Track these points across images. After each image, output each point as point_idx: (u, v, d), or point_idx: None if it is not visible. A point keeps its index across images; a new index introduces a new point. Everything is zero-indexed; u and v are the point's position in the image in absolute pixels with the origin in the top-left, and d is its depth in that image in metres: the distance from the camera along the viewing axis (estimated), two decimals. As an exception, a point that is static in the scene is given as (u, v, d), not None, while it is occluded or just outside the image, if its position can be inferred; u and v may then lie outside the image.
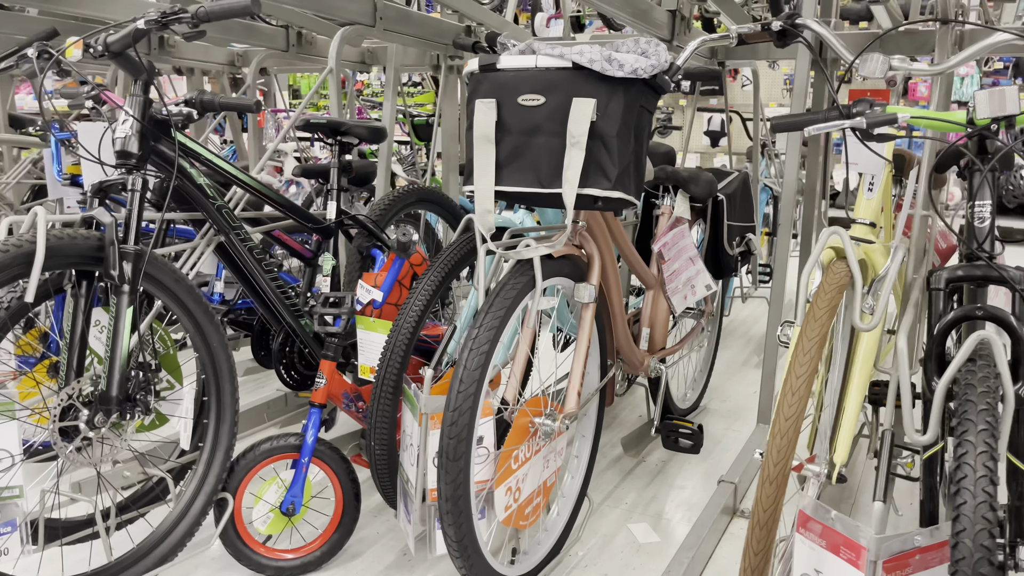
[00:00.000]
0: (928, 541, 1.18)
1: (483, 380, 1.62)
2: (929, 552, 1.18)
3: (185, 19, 1.66)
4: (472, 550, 1.65)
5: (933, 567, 1.19)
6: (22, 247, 1.57)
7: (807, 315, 1.37)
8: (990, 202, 1.42)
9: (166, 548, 1.85)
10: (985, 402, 1.17)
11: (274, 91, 4.57)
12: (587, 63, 1.60)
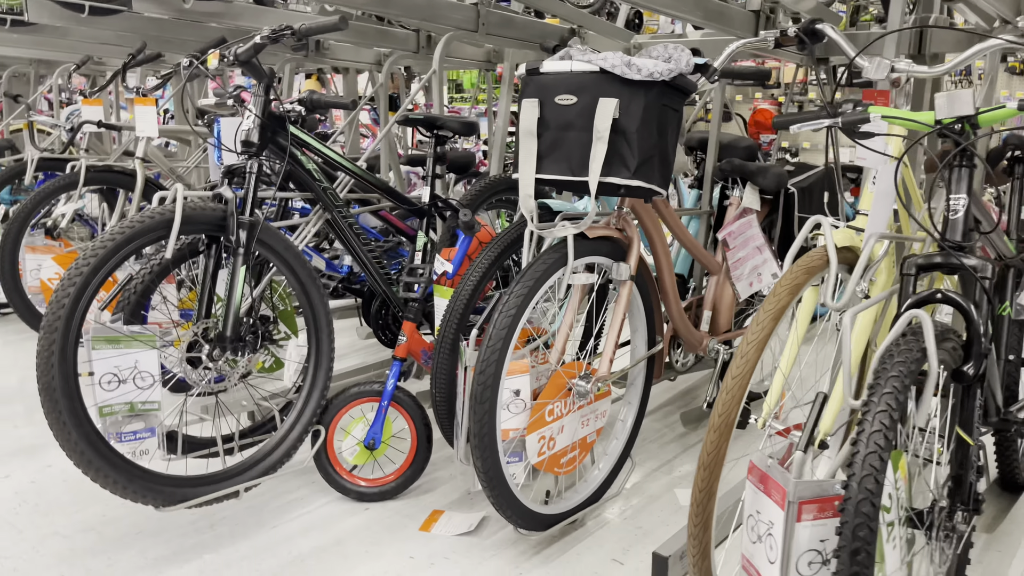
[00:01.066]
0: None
1: (510, 339, 1.90)
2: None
3: (289, 36, 2.05)
4: (498, 482, 1.95)
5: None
6: (164, 215, 2.03)
7: (771, 291, 1.55)
8: (964, 196, 1.53)
9: (268, 464, 2.28)
10: (897, 370, 1.32)
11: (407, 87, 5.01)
12: (610, 68, 1.84)
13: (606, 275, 2.21)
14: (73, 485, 2.48)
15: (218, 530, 2.24)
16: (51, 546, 2.15)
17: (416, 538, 2.22)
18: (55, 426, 1.87)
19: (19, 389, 3.34)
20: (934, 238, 1.50)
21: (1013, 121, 4.32)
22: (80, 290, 1.88)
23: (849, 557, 1.23)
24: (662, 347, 2.39)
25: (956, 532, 1.46)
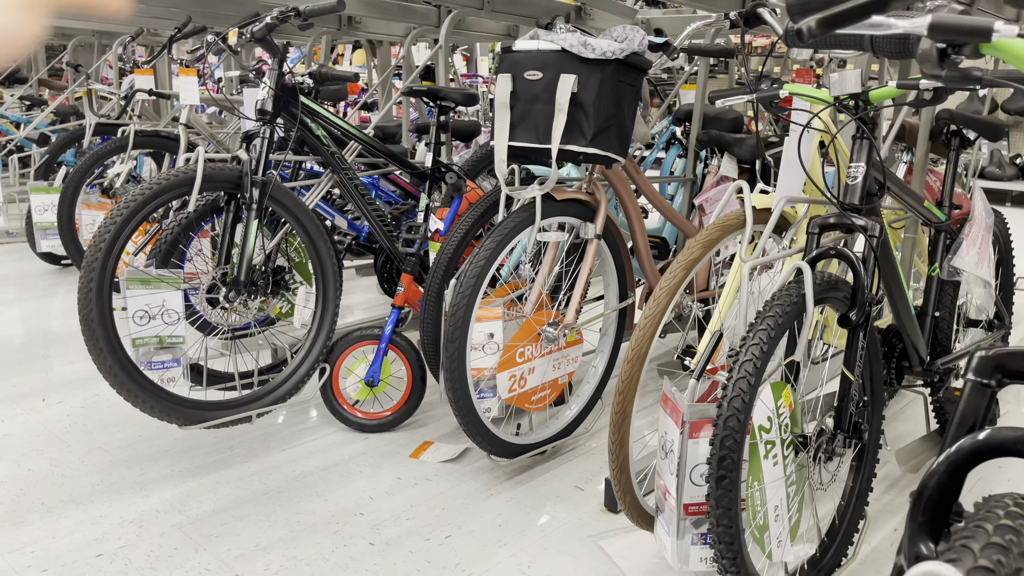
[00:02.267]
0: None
1: (479, 286, 2.17)
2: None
3: (293, 16, 2.33)
4: (468, 412, 2.23)
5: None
6: (187, 173, 2.34)
7: (686, 245, 1.78)
8: (863, 164, 1.74)
9: (278, 395, 2.60)
10: (774, 311, 1.55)
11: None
12: (568, 47, 2.07)
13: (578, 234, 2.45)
14: (116, 411, 2.85)
15: (235, 451, 2.58)
16: (94, 458, 2.52)
17: (406, 463, 2.52)
18: (93, 352, 2.21)
19: (77, 331, 3.75)
20: (830, 200, 1.71)
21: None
22: (114, 236, 2.20)
23: (718, 462, 1.48)
24: (633, 302, 2.63)
25: (836, 455, 1.69)
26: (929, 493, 0.74)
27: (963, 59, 0.71)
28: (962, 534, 0.64)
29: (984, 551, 0.61)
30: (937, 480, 0.74)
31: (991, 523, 0.64)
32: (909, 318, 2.04)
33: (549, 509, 2.25)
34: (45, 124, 5.99)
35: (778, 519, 1.64)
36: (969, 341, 2.48)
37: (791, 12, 0.70)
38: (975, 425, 0.78)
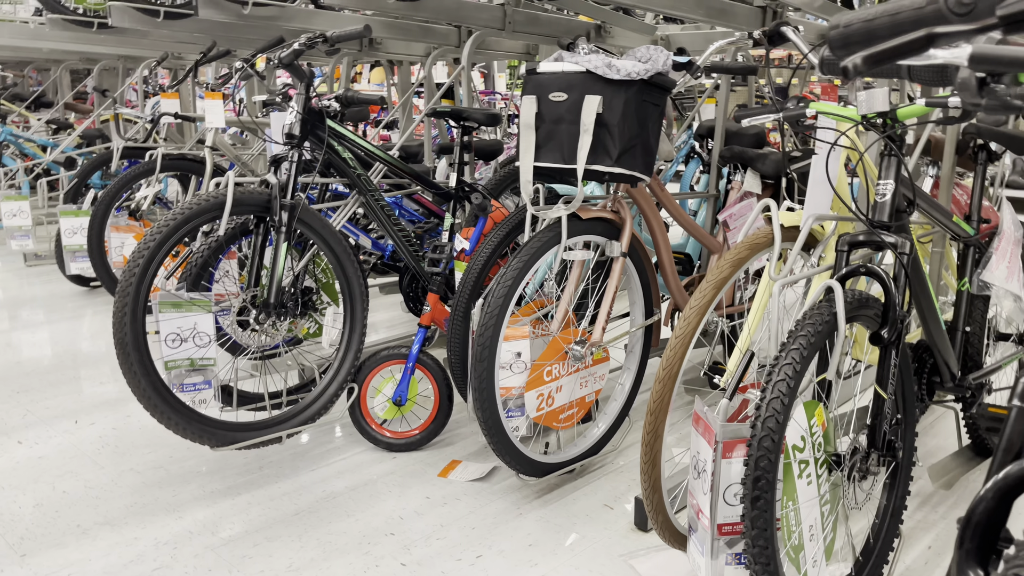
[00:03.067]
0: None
1: (506, 306, 2.18)
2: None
3: (320, 42, 2.37)
4: (497, 431, 2.23)
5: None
6: (218, 198, 2.38)
7: (715, 264, 1.78)
8: (891, 181, 1.74)
9: (307, 415, 2.63)
10: (806, 330, 1.55)
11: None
12: (594, 68, 2.09)
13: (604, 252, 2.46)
14: (147, 432, 2.89)
15: (265, 472, 2.60)
16: (127, 480, 2.55)
17: (435, 482, 2.53)
18: (127, 375, 2.24)
19: (107, 353, 3.80)
20: (859, 218, 1.71)
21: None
22: (148, 261, 2.24)
23: (752, 483, 1.48)
24: (658, 319, 2.63)
25: (871, 473, 1.68)
26: (977, 519, 0.74)
27: (1003, 87, 0.72)
28: (1015, 562, 0.64)
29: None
30: (985, 506, 0.74)
31: (1044, 551, 0.64)
32: (940, 333, 2.03)
33: (579, 528, 2.25)
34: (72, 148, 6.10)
35: (813, 539, 1.63)
36: (999, 355, 2.46)
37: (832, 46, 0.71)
38: (1022, 451, 0.78)
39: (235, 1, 3.08)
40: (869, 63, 0.64)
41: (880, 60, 0.63)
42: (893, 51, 0.62)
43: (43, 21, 4.76)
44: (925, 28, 0.61)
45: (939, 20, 0.65)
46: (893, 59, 0.63)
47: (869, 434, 1.69)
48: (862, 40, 0.70)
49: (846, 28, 0.73)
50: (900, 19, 0.68)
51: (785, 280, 1.70)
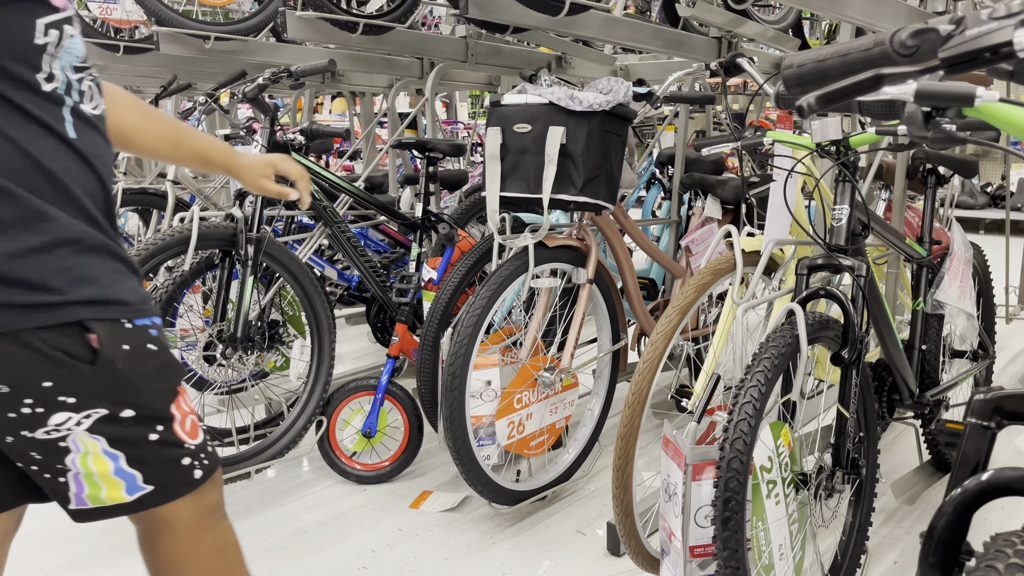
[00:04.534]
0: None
1: (476, 335, 2.20)
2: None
3: (285, 77, 2.38)
4: (469, 460, 2.24)
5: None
6: (183, 232, 2.37)
7: (680, 289, 1.82)
8: (846, 206, 1.79)
9: (276, 449, 2.60)
10: (770, 353, 1.59)
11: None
12: (556, 100, 2.13)
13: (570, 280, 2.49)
14: (110, 471, 2.83)
15: (233, 508, 2.56)
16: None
17: (406, 514, 2.52)
18: (92, 413, 2.20)
19: (65, 391, 3.72)
20: (816, 242, 1.76)
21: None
22: (112, 298, 2.21)
23: (723, 504, 1.51)
24: (625, 343, 2.66)
25: (836, 491, 1.72)
26: (939, 534, 0.77)
27: (947, 120, 0.77)
28: (976, 574, 0.67)
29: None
30: (946, 521, 0.77)
31: (1001, 562, 0.67)
32: (898, 352, 2.09)
33: (552, 555, 2.26)
34: (28, 183, 5.99)
35: (783, 558, 1.66)
36: (955, 372, 2.53)
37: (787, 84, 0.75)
38: (978, 466, 0.82)
39: (196, 36, 3.09)
40: (822, 102, 0.67)
41: (832, 99, 0.67)
42: (845, 91, 0.66)
43: None
44: (873, 69, 0.65)
45: (885, 61, 0.69)
46: (845, 98, 0.67)
47: (833, 452, 1.73)
48: (815, 79, 0.74)
49: (800, 68, 0.77)
50: (849, 60, 0.72)
51: (748, 304, 1.74)
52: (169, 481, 1.26)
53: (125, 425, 1.18)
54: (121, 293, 1.14)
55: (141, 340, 1.17)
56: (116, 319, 1.14)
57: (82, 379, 1.12)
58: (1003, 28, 0.61)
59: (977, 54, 0.62)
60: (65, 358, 1.09)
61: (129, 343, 1.15)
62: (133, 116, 1.38)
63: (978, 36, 0.61)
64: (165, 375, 1.22)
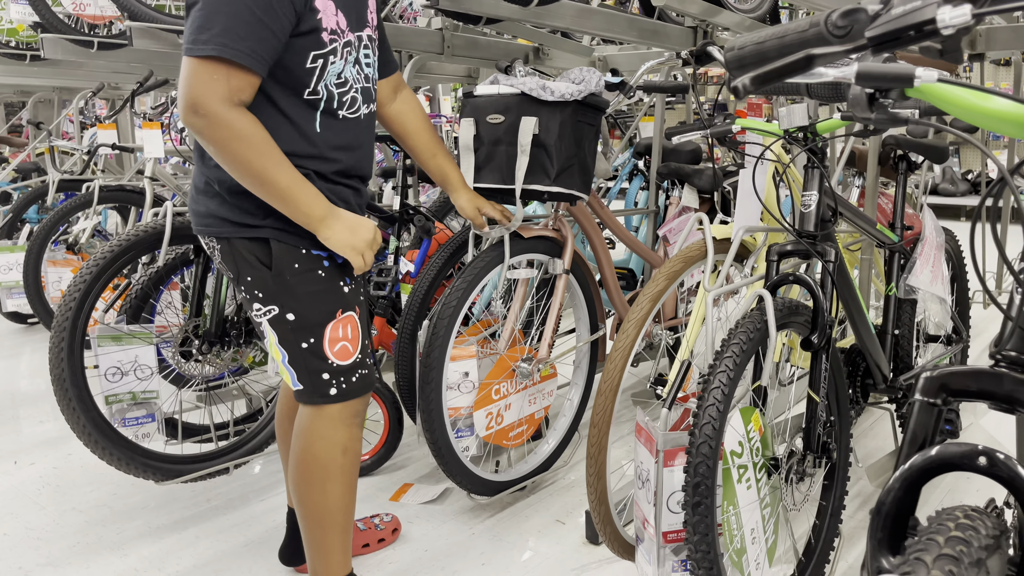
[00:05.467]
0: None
1: (452, 326, 2.20)
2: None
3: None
4: (447, 452, 2.24)
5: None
6: (156, 228, 2.36)
7: (651, 277, 1.83)
8: (815, 192, 1.80)
9: (256, 444, 2.60)
10: (739, 339, 1.60)
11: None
12: (528, 91, 2.13)
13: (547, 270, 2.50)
14: (89, 470, 2.82)
15: (213, 504, 2.56)
16: (69, 519, 2.49)
17: (387, 507, 2.52)
18: (66, 412, 2.20)
19: (46, 391, 3.70)
20: (786, 229, 1.78)
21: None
22: (84, 295, 2.21)
23: (692, 488, 1.52)
24: (604, 333, 2.67)
25: (807, 475, 1.74)
26: (887, 509, 0.78)
27: (891, 102, 0.77)
28: (916, 547, 0.68)
29: (937, 562, 0.65)
30: (893, 496, 0.78)
31: (943, 535, 0.68)
32: (870, 337, 2.10)
33: (531, 544, 2.27)
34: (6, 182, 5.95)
35: (755, 542, 1.67)
36: (929, 356, 2.56)
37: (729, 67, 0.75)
38: (925, 442, 0.82)
39: (169, 30, 3.06)
40: (756, 83, 0.68)
41: (766, 80, 0.68)
42: (777, 71, 0.67)
43: (-27, 55, 4.66)
44: (804, 50, 0.66)
45: (820, 42, 0.69)
46: (778, 79, 0.67)
47: (804, 437, 1.74)
48: (754, 61, 0.74)
49: (740, 50, 0.77)
50: (787, 41, 0.72)
51: (718, 291, 1.75)
52: (309, 388, 1.67)
53: (288, 327, 1.63)
54: (304, 231, 1.58)
55: (312, 265, 1.63)
56: (295, 245, 1.61)
57: (264, 280, 1.62)
58: (927, 6, 0.61)
59: (901, 32, 0.63)
60: (256, 262, 1.61)
61: (300, 264, 1.61)
62: (417, 123, 2.04)
63: (903, 15, 0.62)
64: (327, 298, 1.64)
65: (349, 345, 1.68)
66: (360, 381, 1.71)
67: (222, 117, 1.46)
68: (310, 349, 1.64)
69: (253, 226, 1.60)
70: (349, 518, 1.76)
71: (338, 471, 1.71)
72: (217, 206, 1.64)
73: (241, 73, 1.46)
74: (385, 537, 2.25)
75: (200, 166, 1.67)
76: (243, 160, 1.49)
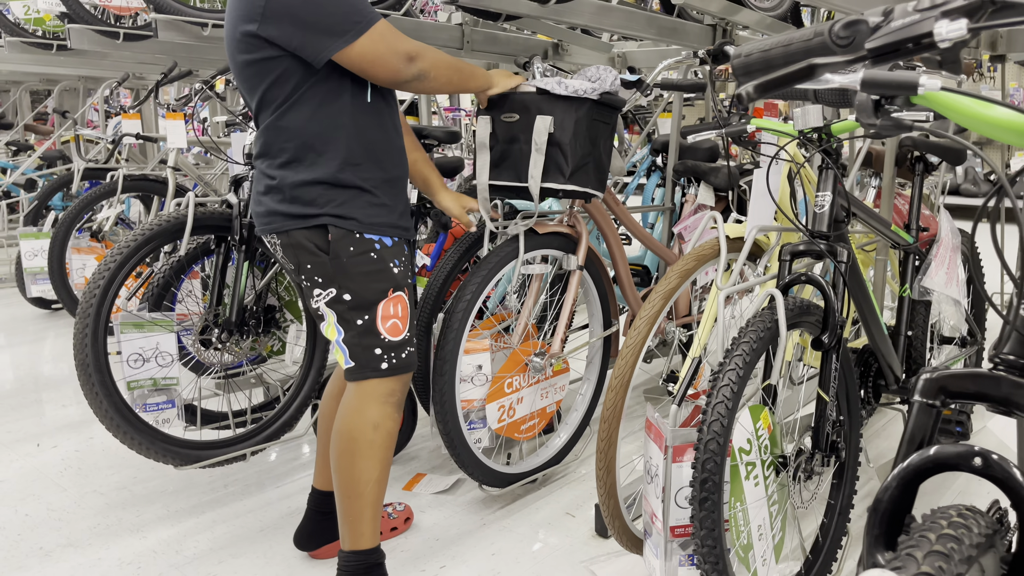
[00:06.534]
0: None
1: (466, 320, 2.23)
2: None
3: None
4: (459, 443, 2.27)
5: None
6: (179, 219, 2.40)
7: (664, 275, 1.85)
8: (829, 193, 1.81)
9: (271, 432, 2.64)
10: (749, 337, 1.61)
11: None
12: (544, 87, 2.15)
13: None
14: (111, 453, 2.88)
15: (230, 489, 2.61)
16: (90, 501, 2.54)
17: (400, 496, 2.56)
18: (89, 396, 2.25)
19: (69, 375, 3.77)
20: (798, 229, 1.79)
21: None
22: (108, 282, 2.26)
23: (700, 484, 1.54)
24: (617, 329, 2.69)
25: (816, 473, 1.75)
26: (884, 507, 0.80)
27: (896, 108, 0.79)
28: (908, 543, 0.70)
29: (927, 558, 0.67)
30: (890, 494, 0.80)
31: (934, 532, 0.70)
32: (882, 338, 2.11)
33: (541, 536, 2.30)
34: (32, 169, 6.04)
35: (762, 538, 1.69)
36: (944, 358, 2.56)
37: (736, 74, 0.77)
38: (923, 442, 0.84)
39: (194, 23, 3.11)
40: (760, 90, 0.70)
41: (769, 88, 0.70)
42: (781, 79, 0.69)
43: (2, 44, 4.74)
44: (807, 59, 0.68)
45: (824, 51, 0.71)
46: (782, 86, 0.69)
47: (813, 435, 1.76)
48: (760, 68, 0.76)
49: (747, 57, 0.79)
50: (792, 49, 0.74)
51: (730, 289, 1.77)
52: (362, 362, 1.82)
53: (345, 306, 1.79)
54: (358, 215, 1.77)
55: (365, 248, 1.78)
56: (350, 230, 1.77)
57: (323, 265, 1.77)
58: (925, 20, 0.63)
59: (900, 44, 0.64)
60: (316, 249, 1.77)
61: (355, 247, 1.77)
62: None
63: (902, 27, 0.64)
64: (379, 278, 1.80)
65: (399, 323, 1.84)
66: (409, 357, 1.87)
67: (426, 49, 1.80)
68: (364, 326, 1.80)
69: (312, 215, 1.76)
70: (378, 492, 1.86)
71: (367, 446, 1.82)
72: (277, 203, 1.80)
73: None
74: (398, 526, 2.29)
75: (264, 169, 1.83)
76: (451, 67, 1.90)
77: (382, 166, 1.83)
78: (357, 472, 1.83)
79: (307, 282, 1.82)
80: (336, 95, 1.77)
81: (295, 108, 1.76)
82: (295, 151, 1.78)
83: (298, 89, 1.75)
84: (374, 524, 1.88)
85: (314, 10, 1.68)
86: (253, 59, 1.75)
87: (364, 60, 1.72)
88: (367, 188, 1.80)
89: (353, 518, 1.86)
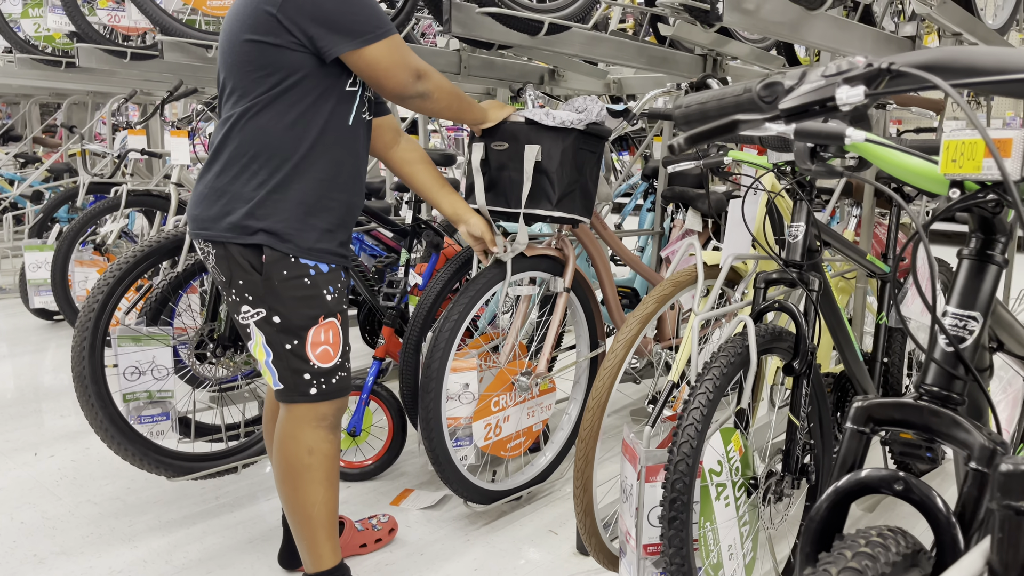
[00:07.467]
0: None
1: (453, 338, 2.29)
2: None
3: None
4: (445, 460, 2.33)
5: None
6: (178, 235, 2.48)
7: (642, 300, 1.91)
8: (802, 223, 1.88)
9: (263, 446, 2.70)
10: (720, 362, 1.67)
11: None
12: (533, 117, 2.23)
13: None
14: (106, 464, 2.94)
15: (221, 501, 2.67)
16: (84, 510, 2.60)
17: (387, 511, 2.61)
18: (85, 408, 2.31)
19: (68, 386, 3.84)
20: (773, 258, 1.85)
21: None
22: (107, 296, 2.33)
23: (669, 504, 1.59)
24: (603, 351, 2.75)
25: (785, 496, 1.80)
26: (815, 526, 0.86)
27: (830, 155, 0.85)
28: (826, 560, 0.76)
29: (841, 574, 0.73)
30: (820, 515, 0.86)
31: (852, 550, 0.76)
32: (857, 364, 2.17)
33: (524, 553, 2.35)
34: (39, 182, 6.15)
35: (732, 557, 1.74)
36: (922, 384, 2.61)
37: (676, 124, 0.84)
38: (854, 465, 0.90)
39: (199, 45, 3.20)
40: (690, 142, 0.77)
41: (698, 140, 0.76)
42: (708, 132, 0.75)
43: (12, 59, 4.85)
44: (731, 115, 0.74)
45: (752, 106, 0.78)
46: (709, 139, 0.76)
47: (784, 458, 1.81)
48: (698, 119, 0.83)
49: (687, 109, 0.86)
50: (725, 103, 0.81)
51: (706, 315, 1.83)
52: (290, 386, 1.80)
53: (274, 328, 1.77)
54: (298, 239, 1.75)
55: (299, 272, 1.76)
56: (285, 253, 1.74)
57: (255, 284, 1.75)
58: (829, 85, 0.70)
59: (808, 106, 0.71)
60: (249, 267, 1.75)
61: (288, 271, 1.75)
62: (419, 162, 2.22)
63: (809, 91, 0.70)
64: (311, 304, 1.78)
65: (330, 349, 1.82)
66: (340, 382, 1.86)
67: (433, 71, 1.88)
68: (293, 350, 1.78)
69: (250, 229, 1.74)
70: (328, 512, 1.88)
71: (305, 471, 1.83)
72: (218, 212, 1.77)
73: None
74: (382, 537, 2.34)
75: (210, 176, 1.80)
76: (452, 94, 1.97)
77: (344, 189, 1.83)
78: (301, 497, 1.85)
79: (236, 297, 1.79)
80: (317, 108, 1.75)
81: (270, 108, 1.73)
82: (254, 155, 1.75)
83: (282, 83, 1.71)
84: (331, 542, 1.90)
85: (340, 6, 1.69)
86: (257, 39, 1.71)
87: (376, 66, 1.73)
88: (317, 210, 1.78)
89: (309, 541, 1.88)
